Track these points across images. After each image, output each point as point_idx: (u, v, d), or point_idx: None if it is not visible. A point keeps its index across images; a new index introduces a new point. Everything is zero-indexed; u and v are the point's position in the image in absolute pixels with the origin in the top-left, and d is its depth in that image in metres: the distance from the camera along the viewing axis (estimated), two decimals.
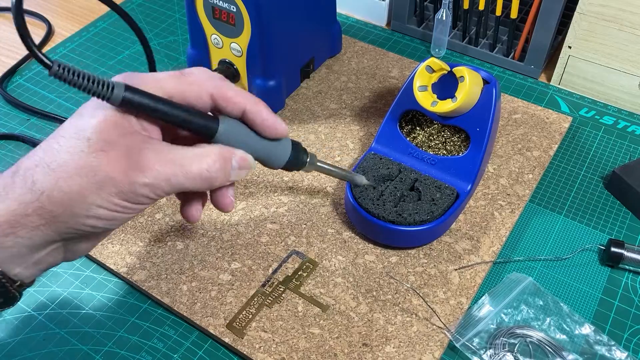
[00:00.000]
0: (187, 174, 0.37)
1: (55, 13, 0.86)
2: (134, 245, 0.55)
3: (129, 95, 0.35)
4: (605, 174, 0.63)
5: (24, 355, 0.49)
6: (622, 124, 0.68)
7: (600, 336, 0.49)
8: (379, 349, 0.48)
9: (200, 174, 0.37)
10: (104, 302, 0.52)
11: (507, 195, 0.59)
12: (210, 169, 0.37)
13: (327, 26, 0.72)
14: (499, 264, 0.55)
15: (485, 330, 0.49)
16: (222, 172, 0.38)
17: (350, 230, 0.56)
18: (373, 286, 0.52)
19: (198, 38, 0.66)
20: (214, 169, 0.38)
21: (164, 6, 0.86)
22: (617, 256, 0.53)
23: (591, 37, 0.67)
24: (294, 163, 0.44)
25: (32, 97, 0.72)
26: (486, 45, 0.76)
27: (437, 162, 0.57)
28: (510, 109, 0.68)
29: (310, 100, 0.70)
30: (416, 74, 0.57)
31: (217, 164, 0.38)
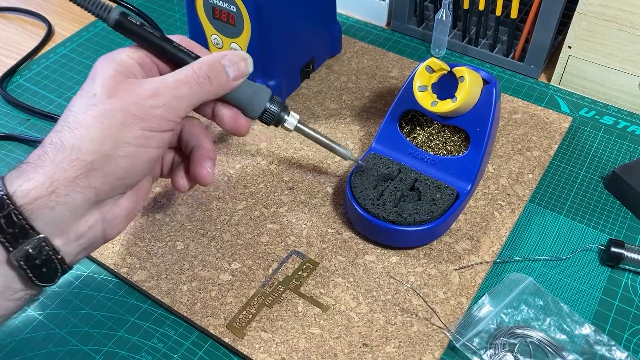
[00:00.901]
0: (186, 82, 0.39)
1: (55, 13, 0.86)
2: (134, 245, 0.55)
3: (122, 19, 0.40)
4: (605, 174, 0.63)
5: (24, 355, 0.49)
6: (622, 124, 0.68)
7: (600, 336, 0.49)
8: (379, 349, 0.48)
9: (195, 76, 0.40)
10: (104, 302, 0.52)
11: (507, 195, 0.59)
12: (200, 69, 0.40)
13: (327, 26, 0.72)
14: (499, 264, 0.55)
15: (485, 330, 0.49)
16: (214, 69, 0.41)
17: (350, 230, 0.56)
18: (373, 286, 0.52)
19: (198, 38, 0.66)
20: (203, 70, 0.40)
21: (164, 6, 0.86)
22: (617, 256, 0.53)
23: (591, 37, 0.67)
24: (271, 115, 0.46)
25: (32, 97, 0.72)
26: (486, 45, 0.76)
27: (437, 162, 0.57)
28: (510, 109, 0.68)
29: (310, 100, 0.70)
30: (416, 74, 0.57)
31: (205, 66, 0.40)
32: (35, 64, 0.77)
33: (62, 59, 0.77)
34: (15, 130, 0.68)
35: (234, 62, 0.42)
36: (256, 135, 0.66)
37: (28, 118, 0.69)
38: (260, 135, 0.66)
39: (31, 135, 0.67)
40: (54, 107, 0.70)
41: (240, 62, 0.42)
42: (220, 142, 0.65)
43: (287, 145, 0.64)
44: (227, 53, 0.42)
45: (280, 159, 0.63)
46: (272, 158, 0.63)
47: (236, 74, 0.42)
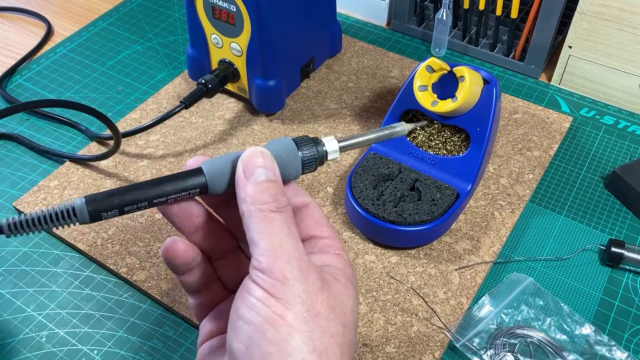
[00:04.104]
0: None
1: (55, 13, 0.86)
2: (134, 246, 0.55)
3: (97, 212, 0.31)
4: (605, 174, 0.62)
5: (24, 355, 0.49)
6: (623, 123, 0.68)
7: (600, 336, 0.49)
8: (379, 349, 0.48)
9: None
10: (104, 302, 0.52)
11: (507, 195, 0.59)
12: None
13: (327, 26, 0.72)
14: (499, 264, 0.55)
15: (485, 331, 0.49)
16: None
17: (350, 230, 0.56)
18: (373, 286, 0.52)
19: (198, 38, 0.65)
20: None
21: (163, 6, 0.86)
22: (617, 256, 0.53)
23: (591, 37, 0.67)
24: (311, 163, 0.36)
25: (31, 97, 0.72)
26: (486, 45, 0.76)
27: (437, 162, 0.57)
28: (510, 108, 0.68)
29: (310, 100, 0.70)
30: (416, 73, 0.57)
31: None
32: (34, 64, 0.76)
33: (61, 58, 0.77)
34: (14, 131, 0.68)
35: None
36: (256, 135, 0.65)
37: (27, 118, 0.69)
38: (260, 135, 0.66)
39: (31, 135, 0.67)
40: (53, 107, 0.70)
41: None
42: (220, 142, 0.65)
43: None
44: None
45: None
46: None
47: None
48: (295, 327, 0.29)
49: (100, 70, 0.75)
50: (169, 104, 0.69)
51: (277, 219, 0.32)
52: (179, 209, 0.34)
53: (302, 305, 0.30)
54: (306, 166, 0.35)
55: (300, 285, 0.30)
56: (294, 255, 0.31)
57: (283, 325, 0.29)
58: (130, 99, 0.71)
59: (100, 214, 0.31)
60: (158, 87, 0.73)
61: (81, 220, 0.31)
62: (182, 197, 0.33)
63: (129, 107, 0.70)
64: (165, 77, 0.74)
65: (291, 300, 0.30)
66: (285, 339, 0.29)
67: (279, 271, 0.30)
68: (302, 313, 0.30)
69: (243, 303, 0.30)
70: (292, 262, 0.31)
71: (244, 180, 0.32)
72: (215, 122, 0.67)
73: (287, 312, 0.30)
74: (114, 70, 0.75)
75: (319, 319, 0.30)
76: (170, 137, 0.65)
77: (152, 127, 0.63)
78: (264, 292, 0.30)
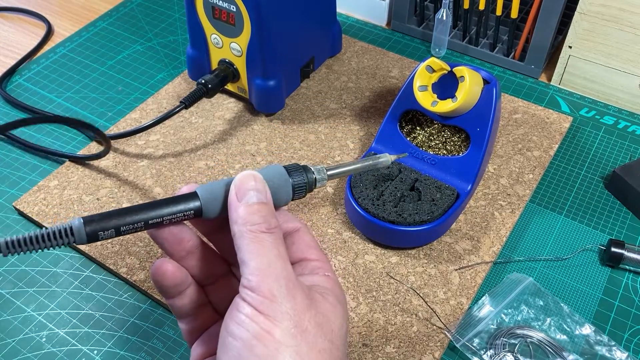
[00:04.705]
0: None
1: (55, 13, 0.86)
2: (133, 246, 0.55)
3: (94, 233, 0.32)
4: (605, 174, 0.62)
5: (24, 355, 0.49)
6: (623, 124, 0.68)
7: (600, 336, 0.49)
8: (379, 349, 0.48)
9: None
10: (104, 302, 0.52)
11: (507, 195, 0.59)
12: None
13: (327, 26, 0.72)
14: (499, 264, 0.55)
15: (485, 331, 0.49)
16: None
17: (350, 230, 0.56)
18: (373, 286, 0.52)
19: (198, 38, 0.65)
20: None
21: (163, 6, 0.86)
22: (617, 256, 0.53)
23: (591, 37, 0.67)
24: (301, 189, 0.37)
25: (31, 97, 0.72)
26: (486, 45, 0.76)
27: (437, 162, 0.57)
28: (510, 108, 0.68)
29: (310, 100, 0.70)
30: (416, 73, 0.57)
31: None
32: (34, 64, 0.76)
33: (61, 58, 0.77)
34: (14, 131, 0.68)
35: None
36: (256, 135, 0.65)
37: None
38: (260, 135, 0.66)
39: (30, 135, 0.67)
40: (53, 107, 0.70)
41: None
42: (220, 142, 0.65)
43: (287, 145, 0.64)
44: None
45: (280, 159, 0.63)
46: (272, 158, 0.63)
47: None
48: (283, 343, 0.30)
49: (100, 70, 0.75)
50: (169, 104, 0.69)
51: (267, 239, 0.32)
52: (169, 233, 0.35)
53: (290, 321, 0.31)
54: (296, 192, 0.36)
55: (288, 303, 0.31)
56: (282, 275, 0.31)
57: (271, 340, 0.30)
58: (130, 99, 0.71)
59: (97, 234, 0.32)
60: (158, 87, 0.72)
61: (78, 241, 0.32)
62: (177, 218, 0.34)
63: (129, 107, 0.70)
64: (165, 77, 0.74)
65: (279, 317, 0.30)
66: (272, 354, 0.30)
67: (267, 289, 0.31)
68: (290, 329, 0.30)
69: (232, 320, 0.31)
70: (280, 281, 0.31)
71: (236, 202, 0.33)
72: (215, 122, 0.67)
73: (275, 328, 0.30)
74: (114, 70, 0.75)
75: (307, 335, 0.31)
76: (170, 137, 0.65)
77: (152, 127, 0.63)
78: (253, 309, 0.31)
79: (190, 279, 0.36)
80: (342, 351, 0.33)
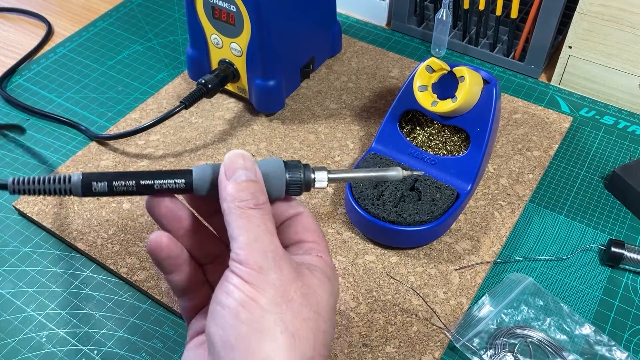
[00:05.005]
0: None
1: (55, 13, 0.86)
2: (133, 246, 0.55)
3: (88, 181, 0.35)
4: (605, 174, 0.62)
5: (24, 355, 0.49)
6: (623, 124, 0.68)
7: (600, 336, 0.49)
8: (379, 349, 0.48)
9: None
10: (104, 302, 0.52)
11: (507, 195, 0.59)
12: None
13: (327, 26, 0.72)
14: (499, 264, 0.55)
15: (485, 331, 0.49)
16: None
17: (350, 230, 0.56)
18: (373, 286, 0.52)
19: (198, 38, 0.65)
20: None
21: (163, 6, 0.86)
22: (617, 256, 0.53)
23: (591, 37, 0.67)
24: (296, 185, 0.37)
25: (31, 97, 0.72)
26: (486, 45, 0.76)
27: (437, 162, 0.57)
28: (510, 108, 0.68)
29: (310, 100, 0.70)
30: (416, 73, 0.57)
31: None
32: (34, 64, 0.76)
33: (61, 58, 0.77)
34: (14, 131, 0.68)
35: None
36: (256, 135, 0.66)
37: (27, 118, 0.69)
38: (260, 135, 0.66)
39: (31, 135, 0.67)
40: (53, 107, 0.70)
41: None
42: (220, 142, 0.65)
43: (287, 145, 0.64)
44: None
45: None
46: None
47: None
48: (268, 310, 0.31)
49: (100, 70, 0.75)
50: (169, 104, 0.69)
51: (254, 215, 0.33)
52: (166, 209, 0.36)
53: (276, 291, 0.32)
54: (290, 188, 0.37)
55: (274, 274, 0.32)
56: (269, 248, 0.33)
57: (256, 307, 0.31)
58: (130, 99, 0.71)
59: (91, 184, 0.35)
60: (158, 87, 0.73)
61: (74, 189, 0.35)
62: (169, 188, 0.35)
63: (129, 107, 0.70)
64: (165, 77, 0.74)
65: (265, 287, 0.31)
66: (257, 319, 0.31)
67: (254, 261, 0.32)
68: (275, 298, 0.31)
69: (221, 290, 0.32)
70: (267, 254, 0.32)
71: (225, 180, 0.34)
72: (215, 122, 0.67)
73: (260, 296, 0.31)
74: (114, 70, 0.75)
75: (292, 304, 0.32)
76: (170, 137, 0.65)
77: (152, 127, 0.63)
78: (240, 279, 0.32)
79: (186, 254, 0.37)
80: (329, 324, 0.34)
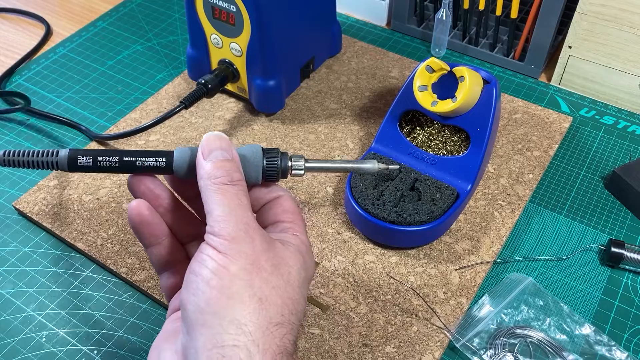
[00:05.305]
0: None
1: (54, 13, 0.86)
2: (133, 246, 0.55)
3: (75, 155, 0.37)
4: (605, 174, 0.62)
5: (24, 355, 0.49)
6: (623, 124, 0.68)
7: (600, 336, 0.49)
8: (379, 349, 0.48)
9: None
10: (104, 302, 0.52)
11: (507, 195, 0.59)
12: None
13: (327, 26, 0.72)
14: (499, 264, 0.55)
15: (485, 331, 0.49)
16: None
17: (350, 230, 0.56)
18: (373, 286, 0.52)
19: (198, 38, 0.65)
20: None
21: (163, 6, 0.86)
22: (617, 256, 0.53)
23: (591, 37, 0.67)
24: (273, 171, 0.39)
25: (31, 97, 0.72)
26: (486, 45, 0.76)
27: (437, 162, 0.57)
28: (510, 108, 0.68)
29: (310, 100, 0.70)
30: (416, 73, 0.57)
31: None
32: (34, 64, 0.76)
33: (61, 58, 0.77)
34: (14, 131, 0.68)
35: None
36: (256, 135, 0.66)
37: (27, 118, 0.69)
38: (260, 135, 0.66)
39: (31, 135, 0.67)
40: (53, 107, 0.70)
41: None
42: None
43: (286, 145, 0.64)
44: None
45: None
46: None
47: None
48: (237, 276, 0.33)
49: (100, 70, 0.75)
50: (169, 104, 0.69)
51: (229, 190, 0.35)
52: (146, 187, 0.38)
53: (247, 259, 0.33)
54: (268, 174, 0.39)
55: (246, 244, 0.33)
56: (242, 221, 0.34)
57: (226, 274, 0.32)
58: (130, 99, 0.71)
59: (77, 158, 0.37)
60: (158, 87, 0.73)
61: (61, 163, 0.37)
62: (150, 166, 0.38)
63: (129, 107, 0.70)
64: (165, 77, 0.74)
65: (236, 255, 0.33)
66: (227, 285, 0.32)
67: (227, 233, 0.33)
68: (246, 266, 0.33)
69: (195, 260, 0.34)
70: (240, 226, 0.34)
71: (202, 160, 0.36)
72: (215, 122, 0.67)
73: (231, 264, 0.33)
74: (114, 70, 0.75)
75: (262, 272, 0.33)
76: (170, 137, 0.65)
77: (152, 127, 0.63)
78: (214, 250, 0.33)
79: (165, 227, 0.39)
80: (300, 293, 0.35)
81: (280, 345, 0.33)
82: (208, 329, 0.32)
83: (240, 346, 0.31)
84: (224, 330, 0.31)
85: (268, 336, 0.32)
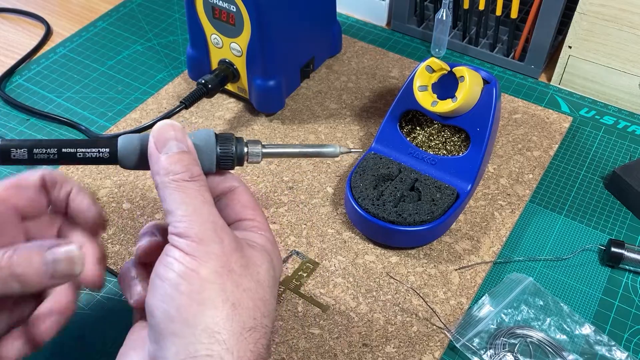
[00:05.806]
0: None
1: (54, 13, 0.86)
2: (133, 246, 0.55)
3: (7, 148, 0.34)
4: (605, 174, 0.62)
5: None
6: (623, 124, 0.68)
7: (600, 336, 0.49)
8: (379, 349, 0.48)
9: None
10: (104, 302, 0.52)
11: (507, 195, 0.59)
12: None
13: (327, 26, 0.72)
14: (499, 264, 0.55)
15: (485, 331, 0.49)
16: (26, 263, 0.32)
17: (350, 230, 0.56)
18: (373, 286, 0.52)
19: (198, 38, 0.66)
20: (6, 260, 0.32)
21: (163, 6, 0.86)
22: (617, 256, 0.53)
23: (591, 37, 0.67)
24: (228, 158, 0.36)
25: (31, 97, 0.72)
26: (486, 45, 0.76)
27: (437, 162, 0.57)
28: (510, 108, 0.68)
29: (310, 100, 0.70)
30: (416, 73, 0.57)
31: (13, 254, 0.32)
32: (34, 64, 0.76)
33: (61, 58, 0.77)
34: (14, 131, 0.68)
35: (59, 260, 0.33)
36: (256, 135, 0.66)
37: (27, 118, 0.69)
38: (260, 135, 0.66)
39: (31, 136, 0.67)
40: (53, 107, 0.70)
41: (64, 264, 0.34)
42: None
43: None
44: (55, 244, 0.33)
45: (279, 159, 0.63)
46: (272, 158, 0.63)
47: (53, 274, 0.33)
48: (208, 280, 0.31)
49: (100, 70, 0.75)
50: (169, 104, 0.69)
51: (191, 187, 0.33)
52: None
53: (217, 261, 0.31)
54: (222, 162, 0.36)
55: (215, 245, 0.32)
56: (209, 219, 0.32)
57: (196, 278, 0.31)
58: (130, 99, 0.71)
59: (9, 150, 0.34)
60: (158, 87, 0.73)
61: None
62: (92, 155, 0.35)
63: (129, 107, 0.70)
64: (165, 77, 0.74)
65: (205, 257, 0.31)
66: (197, 290, 0.31)
67: (195, 234, 0.32)
68: (216, 268, 0.31)
69: (160, 263, 0.32)
70: (207, 225, 0.32)
71: (156, 153, 0.34)
72: (215, 122, 0.67)
73: (201, 267, 0.31)
74: (114, 70, 0.75)
75: (232, 275, 0.32)
76: None
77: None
78: (180, 252, 0.31)
79: None
80: (270, 293, 0.34)
81: (254, 350, 0.31)
82: (179, 338, 0.30)
83: (214, 355, 0.30)
84: (196, 340, 0.30)
85: (242, 342, 0.31)
